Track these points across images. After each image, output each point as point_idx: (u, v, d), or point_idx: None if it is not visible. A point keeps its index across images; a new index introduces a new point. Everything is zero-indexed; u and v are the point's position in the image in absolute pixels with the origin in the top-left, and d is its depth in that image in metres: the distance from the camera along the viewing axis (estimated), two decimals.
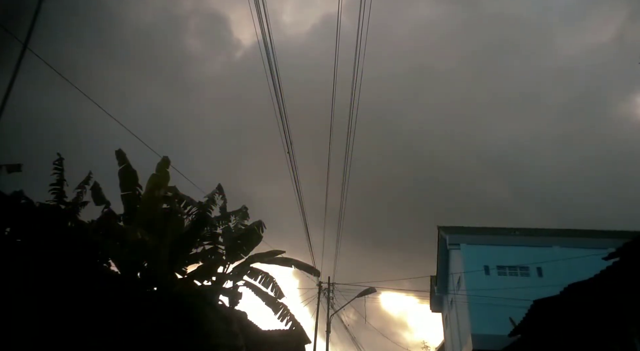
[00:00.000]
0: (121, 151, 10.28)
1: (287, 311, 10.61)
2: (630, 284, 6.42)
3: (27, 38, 5.40)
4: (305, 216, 13.90)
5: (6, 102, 5.06)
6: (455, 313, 21.45)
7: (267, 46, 6.01)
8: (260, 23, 6.09)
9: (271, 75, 6.64)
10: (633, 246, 5.44)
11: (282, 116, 7.32)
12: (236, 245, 10.22)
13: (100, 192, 10.43)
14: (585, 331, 9.06)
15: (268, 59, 6.26)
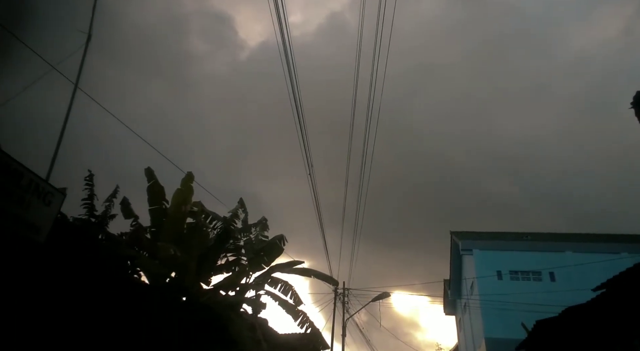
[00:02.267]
0: (150, 169, 10.92)
1: (307, 318, 11.18)
2: (619, 313, 6.80)
3: (78, 78, 5.99)
4: (322, 225, 14.37)
5: (63, 135, 5.65)
6: (468, 317, 21.76)
7: (294, 90, 6.51)
8: (285, 56, 6.61)
9: (295, 111, 7.15)
10: (618, 281, 5.84)
11: (303, 140, 7.82)
12: (258, 257, 10.77)
13: (129, 206, 11.07)
14: (586, 349, 9.33)
15: (292, 87, 6.76)
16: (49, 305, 7.90)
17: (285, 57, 6.07)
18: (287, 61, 6.06)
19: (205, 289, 9.99)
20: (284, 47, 6.26)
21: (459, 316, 26.15)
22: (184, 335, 9.03)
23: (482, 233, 21.90)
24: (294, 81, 6.33)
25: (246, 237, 11.42)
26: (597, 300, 6.64)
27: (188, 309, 9.45)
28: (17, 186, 3.84)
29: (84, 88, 6.74)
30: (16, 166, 3.84)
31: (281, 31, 5.79)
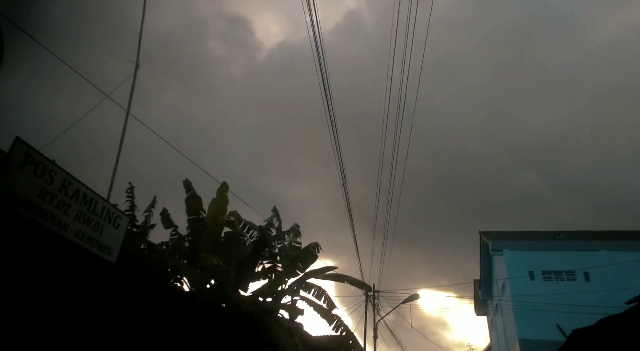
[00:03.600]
0: (188, 181, 11.47)
1: (341, 322, 11.51)
2: None
3: (129, 105, 6.51)
4: (355, 238, 14.65)
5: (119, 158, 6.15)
6: (501, 318, 21.60)
7: (328, 106, 6.85)
8: (319, 65, 6.95)
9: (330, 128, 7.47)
10: None
11: (337, 155, 8.14)
12: (293, 263, 11.17)
13: (168, 217, 11.65)
14: None
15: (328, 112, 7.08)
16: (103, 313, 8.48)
17: (323, 87, 6.42)
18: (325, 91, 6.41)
19: (245, 296, 10.45)
20: (322, 78, 6.61)
21: (490, 316, 25.92)
22: (226, 340, 9.51)
23: (512, 232, 21.69)
24: (329, 100, 6.67)
25: (280, 244, 11.84)
26: (632, 311, 6.68)
27: (229, 315, 9.92)
28: (94, 213, 4.30)
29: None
30: (92, 195, 4.31)
31: (319, 62, 6.14)
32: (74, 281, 4.78)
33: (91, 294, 6.80)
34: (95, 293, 7.22)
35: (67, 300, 5.52)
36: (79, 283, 4.89)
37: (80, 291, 5.95)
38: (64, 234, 3.90)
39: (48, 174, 3.76)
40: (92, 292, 6.45)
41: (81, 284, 4.96)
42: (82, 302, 6.30)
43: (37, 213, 3.66)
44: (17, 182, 3.47)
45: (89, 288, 5.72)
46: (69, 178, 3.97)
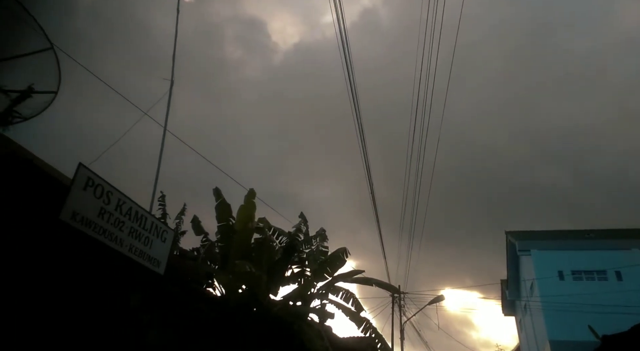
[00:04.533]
0: (217, 189, 11.86)
1: (370, 325, 11.67)
2: None
3: (166, 121, 6.86)
4: (382, 243, 14.76)
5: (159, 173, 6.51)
6: (530, 318, 21.33)
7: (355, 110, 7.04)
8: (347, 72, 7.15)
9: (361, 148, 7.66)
10: None
11: (365, 162, 8.32)
12: (322, 268, 11.41)
13: (199, 224, 12.06)
14: None
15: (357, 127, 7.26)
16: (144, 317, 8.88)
17: (352, 99, 6.62)
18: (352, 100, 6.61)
19: (276, 300, 10.74)
20: (350, 85, 6.81)
21: (519, 317, 25.59)
22: (259, 344, 9.81)
23: (540, 232, 21.38)
24: (356, 107, 6.87)
25: (308, 249, 12.09)
26: None
27: (261, 319, 10.23)
28: (144, 229, 4.63)
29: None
30: (142, 212, 4.63)
31: (348, 71, 6.34)
32: (126, 290, 5.13)
33: (137, 300, 7.21)
34: (140, 300, 7.60)
35: (119, 307, 5.90)
36: (131, 291, 5.24)
37: (129, 298, 6.35)
38: (120, 249, 4.23)
39: (106, 195, 4.09)
40: (139, 299, 6.84)
41: (132, 292, 5.31)
42: (128, 307, 6.69)
43: (97, 231, 4.00)
44: (80, 203, 3.80)
45: (138, 295, 6.10)
46: (123, 197, 4.30)
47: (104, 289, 4.71)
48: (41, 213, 3.47)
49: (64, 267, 3.86)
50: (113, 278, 4.64)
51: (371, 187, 9.39)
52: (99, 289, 4.64)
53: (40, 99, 4.50)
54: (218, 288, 10.92)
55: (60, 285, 4.08)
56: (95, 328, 5.38)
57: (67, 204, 3.64)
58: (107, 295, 4.81)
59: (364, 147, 9.70)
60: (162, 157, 6.61)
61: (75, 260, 3.94)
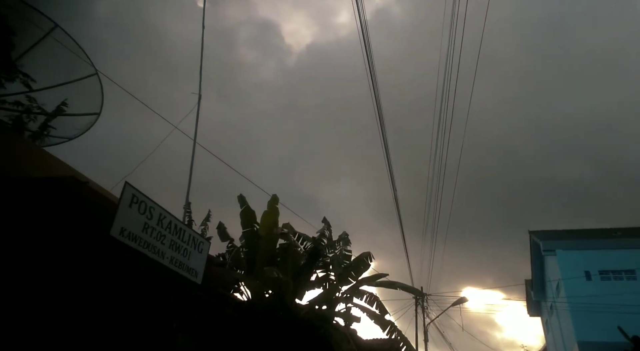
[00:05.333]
0: (242, 196, 12.17)
1: (395, 328, 11.77)
2: None
3: (195, 135, 7.15)
4: (406, 247, 14.85)
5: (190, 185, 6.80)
6: (556, 319, 21.00)
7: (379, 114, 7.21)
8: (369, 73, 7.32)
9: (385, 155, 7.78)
10: None
11: (389, 169, 8.47)
12: (346, 272, 11.59)
13: (225, 230, 12.38)
14: None
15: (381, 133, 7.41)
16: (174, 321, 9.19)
17: (375, 106, 6.78)
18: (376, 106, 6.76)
19: (302, 304, 10.95)
20: (372, 86, 6.97)
21: (545, 317, 25.20)
22: (287, 347, 10.03)
23: (565, 231, 21.02)
24: (380, 115, 7.03)
25: (332, 253, 12.28)
26: None
27: (288, 324, 10.46)
28: (183, 241, 4.90)
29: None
30: (181, 225, 4.91)
31: (370, 72, 6.51)
32: (166, 298, 5.42)
33: (171, 306, 7.52)
34: (173, 305, 7.92)
35: (156, 314, 6.21)
36: (168, 299, 5.53)
37: (167, 305, 6.67)
38: (162, 261, 4.50)
39: (149, 211, 4.37)
40: (173, 305, 7.16)
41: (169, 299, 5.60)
42: (164, 313, 7.01)
43: (142, 245, 4.27)
44: (127, 219, 4.08)
45: (172, 301, 6.41)
46: (164, 212, 4.57)
47: (147, 297, 5.00)
48: (95, 230, 3.76)
49: (115, 278, 4.15)
50: (156, 287, 4.92)
51: (395, 192, 9.53)
52: (142, 298, 4.93)
53: (84, 120, 4.82)
54: (244, 293, 11.20)
55: (110, 294, 4.37)
56: (134, 333, 5.70)
57: (116, 220, 3.92)
58: (150, 303, 5.10)
59: (387, 149, 9.85)
60: (192, 170, 6.88)
61: (124, 272, 4.23)
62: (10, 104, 6.13)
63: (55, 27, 4.37)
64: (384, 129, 9.85)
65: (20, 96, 6.30)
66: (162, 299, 5.70)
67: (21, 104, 6.20)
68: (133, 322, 5.64)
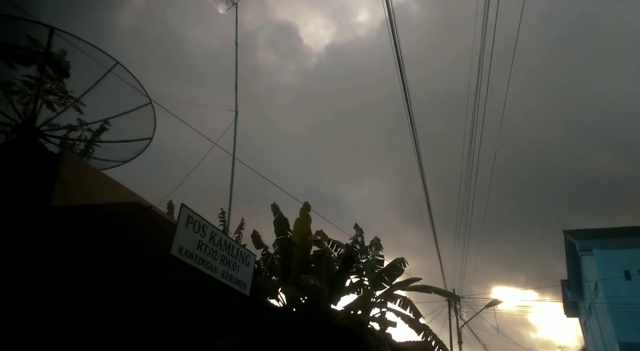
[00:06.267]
0: (275, 204, 12.52)
1: (430, 331, 11.85)
2: None
3: (234, 150, 7.51)
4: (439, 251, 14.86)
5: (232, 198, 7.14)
6: (595, 320, 20.46)
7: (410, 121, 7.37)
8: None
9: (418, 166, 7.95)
10: None
11: (421, 175, 8.60)
12: (380, 277, 11.76)
13: (259, 238, 12.75)
14: None
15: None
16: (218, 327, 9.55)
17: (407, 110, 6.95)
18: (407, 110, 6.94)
19: (338, 310, 11.18)
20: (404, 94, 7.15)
21: (583, 318, 24.55)
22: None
23: (601, 229, 20.42)
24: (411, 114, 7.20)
25: (365, 259, 12.47)
26: None
27: (325, 329, 10.71)
28: (232, 255, 5.22)
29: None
30: (230, 241, 5.23)
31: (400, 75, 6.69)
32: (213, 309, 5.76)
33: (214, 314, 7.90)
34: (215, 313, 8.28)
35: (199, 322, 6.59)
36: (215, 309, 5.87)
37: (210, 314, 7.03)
38: (214, 275, 4.82)
39: (202, 229, 4.70)
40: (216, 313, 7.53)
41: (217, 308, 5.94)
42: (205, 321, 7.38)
43: (197, 261, 4.61)
44: (184, 238, 4.42)
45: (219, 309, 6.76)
46: (215, 230, 4.90)
47: (197, 309, 5.34)
48: (158, 249, 4.10)
49: (175, 293, 4.49)
50: (208, 300, 5.26)
51: (427, 199, 9.65)
52: (192, 309, 5.27)
53: (138, 144, 5.22)
54: (280, 299, 11.52)
55: (166, 307, 4.73)
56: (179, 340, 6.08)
57: (175, 240, 4.26)
58: (197, 312, 5.44)
59: (419, 157, 9.97)
60: (233, 184, 7.23)
61: (183, 286, 4.57)
62: (61, 127, 6.63)
63: (116, 64, 4.80)
64: (416, 132, 9.98)
65: (72, 121, 6.80)
66: (210, 309, 6.04)
67: (74, 128, 6.70)
68: (179, 331, 6.01)
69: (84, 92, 5.10)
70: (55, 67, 5.02)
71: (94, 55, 4.80)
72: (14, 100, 7.02)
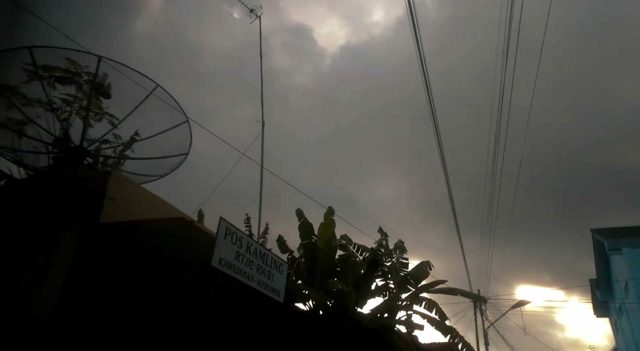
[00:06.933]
0: (300, 210, 12.75)
1: (457, 333, 11.86)
2: None
3: (262, 160, 7.74)
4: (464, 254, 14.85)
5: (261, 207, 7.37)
6: (627, 320, 19.99)
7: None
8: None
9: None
10: None
11: (447, 183, 8.68)
12: (405, 280, 11.84)
13: (284, 243, 12.99)
14: None
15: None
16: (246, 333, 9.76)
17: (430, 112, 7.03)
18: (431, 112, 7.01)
19: (364, 313, 11.32)
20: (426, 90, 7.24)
21: (613, 318, 23.98)
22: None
23: (631, 228, 19.90)
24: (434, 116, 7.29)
25: (389, 262, 12.57)
26: None
27: (352, 332, 10.85)
28: (266, 264, 5.43)
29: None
30: (264, 250, 5.45)
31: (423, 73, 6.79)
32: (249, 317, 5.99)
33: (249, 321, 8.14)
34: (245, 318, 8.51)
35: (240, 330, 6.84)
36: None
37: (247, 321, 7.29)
38: (251, 284, 5.05)
39: (239, 240, 4.93)
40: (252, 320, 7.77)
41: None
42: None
43: (235, 271, 4.84)
44: (223, 250, 4.65)
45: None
46: (250, 240, 5.12)
47: (234, 316, 5.57)
48: (200, 261, 4.35)
49: (214, 302, 4.73)
50: (244, 308, 5.49)
51: (452, 204, 9.72)
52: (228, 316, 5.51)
53: (174, 160, 5.50)
54: (307, 303, 11.71)
55: (210, 316, 4.98)
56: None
57: (215, 252, 4.50)
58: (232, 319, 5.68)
59: (441, 145, 10.01)
60: (262, 193, 7.46)
61: (223, 296, 4.81)
62: (99, 141, 6.99)
63: (157, 87, 5.09)
64: (439, 132, 10.04)
65: (108, 135, 7.16)
66: (246, 317, 6.28)
67: (107, 141, 7.06)
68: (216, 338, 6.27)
69: (128, 114, 5.42)
70: (99, 90, 5.33)
71: (136, 77, 5.11)
72: (53, 117, 7.44)
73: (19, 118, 7.20)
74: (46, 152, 7.17)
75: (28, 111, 7.06)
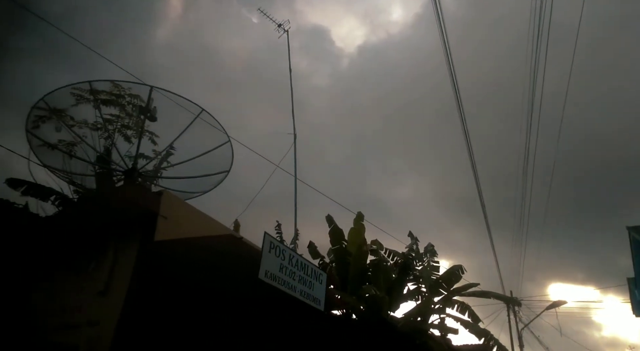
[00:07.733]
0: (330, 216, 12.97)
1: (491, 336, 11.82)
2: None
3: (295, 171, 8.02)
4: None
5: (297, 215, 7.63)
6: None
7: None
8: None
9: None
10: None
11: (477, 183, 8.74)
12: (437, 284, 11.90)
13: (315, 248, 13.20)
14: None
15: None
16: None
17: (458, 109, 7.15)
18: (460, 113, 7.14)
19: (398, 317, 11.44)
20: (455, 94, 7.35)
21: None
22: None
23: None
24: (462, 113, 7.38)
25: (420, 266, 12.64)
26: None
27: (386, 336, 10.99)
28: (307, 275, 5.69)
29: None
30: (305, 261, 5.71)
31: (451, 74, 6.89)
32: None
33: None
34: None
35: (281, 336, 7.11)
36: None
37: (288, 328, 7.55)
38: (294, 294, 5.31)
39: (282, 253, 5.21)
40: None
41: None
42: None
43: (280, 283, 5.12)
44: (268, 263, 4.94)
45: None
46: (292, 253, 5.40)
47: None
48: (246, 273, 4.64)
49: (262, 313, 5.02)
50: (287, 315, 5.77)
51: (483, 209, 9.77)
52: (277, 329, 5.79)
53: (217, 177, 5.83)
54: (340, 309, 11.90)
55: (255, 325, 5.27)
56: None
57: (262, 265, 4.78)
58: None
59: (469, 142, 10.03)
60: (296, 202, 7.73)
61: (268, 307, 5.09)
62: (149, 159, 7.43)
63: (202, 111, 5.45)
64: (467, 128, 10.07)
65: (148, 152, 7.60)
66: (287, 324, 6.55)
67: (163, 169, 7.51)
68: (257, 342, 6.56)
69: (177, 137, 5.80)
70: (147, 115, 5.73)
71: (181, 102, 5.48)
72: (98, 136, 7.93)
73: (69, 140, 7.72)
74: (93, 173, 7.66)
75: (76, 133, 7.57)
